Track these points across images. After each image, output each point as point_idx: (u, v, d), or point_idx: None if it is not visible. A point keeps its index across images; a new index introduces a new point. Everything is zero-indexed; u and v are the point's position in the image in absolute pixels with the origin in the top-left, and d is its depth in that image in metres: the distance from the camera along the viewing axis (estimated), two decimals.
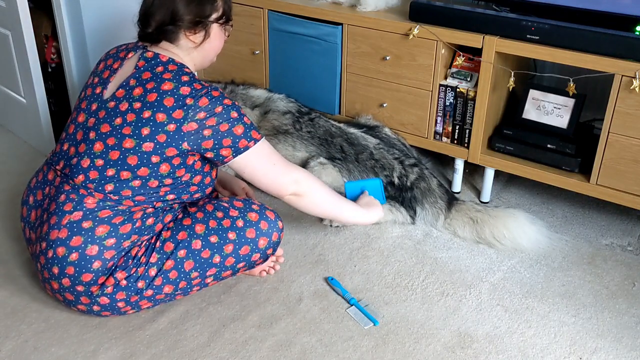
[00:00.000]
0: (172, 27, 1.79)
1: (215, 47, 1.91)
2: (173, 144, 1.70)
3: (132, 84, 1.75)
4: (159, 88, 1.72)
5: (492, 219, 2.22)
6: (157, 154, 1.71)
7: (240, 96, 2.59)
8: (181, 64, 1.79)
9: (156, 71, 1.75)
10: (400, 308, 1.92)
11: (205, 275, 1.81)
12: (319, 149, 2.41)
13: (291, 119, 2.48)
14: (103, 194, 1.72)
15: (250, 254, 1.84)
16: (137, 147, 1.70)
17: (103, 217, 1.71)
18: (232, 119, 1.74)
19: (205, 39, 1.85)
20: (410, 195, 2.32)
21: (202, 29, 1.82)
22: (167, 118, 1.69)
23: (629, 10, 2.03)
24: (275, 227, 1.88)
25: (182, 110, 1.69)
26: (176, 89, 1.71)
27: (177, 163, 1.74)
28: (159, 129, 1.69)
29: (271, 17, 2.72)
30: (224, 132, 1.73)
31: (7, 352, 1.73)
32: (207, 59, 1.93)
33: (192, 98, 1.71)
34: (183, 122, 1.69)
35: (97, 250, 1.69)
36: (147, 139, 1.70)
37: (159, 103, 1.70)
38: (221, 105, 1.73)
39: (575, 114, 2.27)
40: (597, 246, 2.23)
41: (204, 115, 1.71)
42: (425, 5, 2.34)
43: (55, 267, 1.71)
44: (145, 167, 1.71)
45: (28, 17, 2.53)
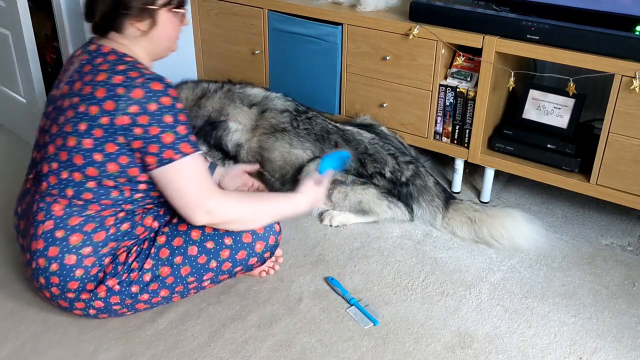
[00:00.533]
0: (116, 16, 1.68)
1: (168, 34, 1.78)
2: (110, 139, 1.61)
3: (75, 78, 1.69)
4: (93, 80, 1.64)
5: (490, 219, 2.22)
6: (98, 151, 1.63)
7: (237, 95, 2.58)
8: (123, 54, 1.69)
9: (95, 63, 1.67)
10: (400, 308, 1.92)
11: (202, 280, 1.80)
12: (314, 146, 2.41)
13: (289, 117, 2.48)
14: (67, 199, 1.67)
15: (247, 258, 1.83)
16: (79, 145, 1.63)
17: (74, 225, 1.67)
18: (164, 123, 1.61)
19: (152, 27, 1.72)
20: (405, 191, 2.32)
21: (148, 16, 1.70)
22: (100, 110, 1.60)
23: (629, 10, 2.03)
24: (272, 230, 1.86)
25: (113, 101, 1.60)
26: (109, 79, 1.62)
27: (126, 162, 1.65)
28: (93, 122, 1.61)
29: (271, 17, 2.72)
30: (153, 136, 1.61)
31: (6, 353, 1.73)
32: (162, 47, 1.79)
33: (124, 88, 1.60)
34: (115, 114, 1.59)
35: (75, 259, 1.67)
36: (85, 135, 1.62)
37: (92, 95, 1.62)
38: (157, 103, 1.61)
39: (575, 114, 2.27)
40: (597, 246, 2.23)
41: (137, 110, 1.59)
42: (425, 5, 2.34)
43: (41, 278, 1.71)
44: (92, 167, 1.64)
45: (28, 17, 2.53)
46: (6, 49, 2.71)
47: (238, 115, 2.53)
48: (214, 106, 2.58)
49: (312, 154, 2.40)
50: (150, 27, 1.73)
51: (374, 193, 2.30)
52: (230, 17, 2.85)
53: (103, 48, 1.71)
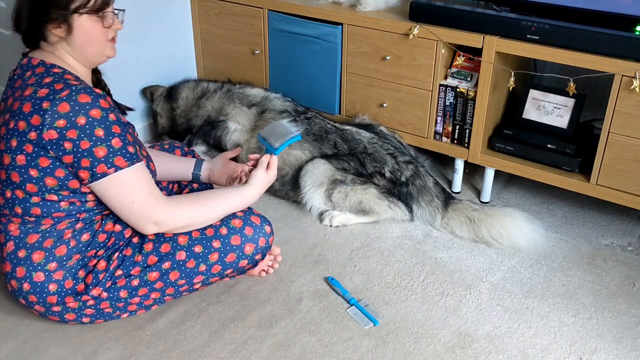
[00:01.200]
0: (36, 24, 1.61)
1: (90, 39, 1.65)
2: (42, 154, 1.56)
3: (8, 94, 1.64)
4: (22, 94, 1.58)
5: (489, 218, 2.22)
6: (33, 166, 1.57)
7: (237, 95, 2.59)
8: (51, 65, 1.63)
9: (25, 77, 1.62)
10: (400, 308, 1.92)
11: (192, 282, 1.79)
12: (312, 146, 2.41)
13: (288, 118, 2.48)
14: (19, 217, 1.64)
15: (237, 260, 1.81)
16: (14, 162, 1.59)
17: (33, 243, 1.65)
18: (95, 136, 1.54)
19: (69, 33, 1.62)
20: (405, 191, 2.32)
21: (63, 21, 1.60)
22: (27, 125, 1.55)
23: (629, 10, 2.03)
24: (262, 232, 1.83)
25: (39, 115, 1.53)
26: (34, 93, 1.56)
27: (62, 175, 1.59)
28: (23, 138, 1.56)
29: (271, 17, 2.72)
30: (84, 150, 1.54)
31: (7, 352, 1.73)
32: (89, 53, 1.67)
33: (49, 102, 1.53)
34: (42, 129, 1.53)
35: (44, 276, 1.66)
36: (18, 151, 1.57)
37: (20, 110, 1.57)
38: (85, 116, 1.53)
39: (575, 114, 2.27)
40: (597, 246, 2.23)
41: (64, 124, 1.52)
42: (425, 5, 2.34)
43: (21, 299, 1.70)
44: (30, 183, 1.59)
45: None
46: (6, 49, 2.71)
47: (237, 116, 2.53)
48: (213, 106, 2.58)
49: (311, 154, 2.40)
50: (67, 33, 1.62)
51: (374, 193, 2.30)
52: (230, 17, 2.85)
53: (33, 60, 1.65)
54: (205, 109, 2.60)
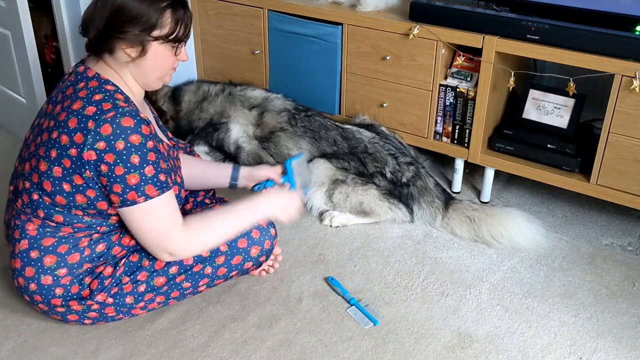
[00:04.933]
0: (109, 37, 1.59)
1: (158, 66, 1.66)
2: (77, 171, 1.56)
3: (58, 99, 1.64)
4: (70, 107, 1.58)
5: (489, 218, 2.22)
6: (67, 181, 1.58)
7: (238, 98, 2.59)
8: (105, 80, 1.62)
9: (77, 87, 1.61)
10: (400, 308, 1.92)
11: (197, 285, 1.80)
12: (311, 144, 2.41)
13: (287, 116, 2.48)
14: (40, 219, 1.64)
15: (242, 262, 1.83)
16: (49, 172, 1.59)
17: (48, 246, 1.65)
18: (130, 163, 1.54)
19: (141, 55, 1.61)
20: (406, 192, 2.32)
21: (139, 44, 1.60)
22: (70, 141, 1.55)
23: (629, 10, 2.03)
24: (268, 234, 1.85)
25: (82, 134, 1.53)
26: (82, 109, 1.55)
27: (93, 195, 1.60)
28: (63, 152, 1.56)
29: (271, 17, 2.72)
30: (118, 176, 1.55)
31: (7, 352, 1.73)
32: (151, 77, 1.68)
33: (94, 121, 1.53)
34: (83, 148, 1.54)
35: (51, 280, 1.66)
36: (56, 163, 1.58)
37: (65, 123, 1.56)
38: (125, 141, 1.53)
39: (575, 114, 2.27)
40: (597, 246, 2.23)
41: (104, 147, 1.53)
42: (425, 5, 2.34)
43: (25, 296, 1.71)
44: (60, 196, 1.60)
45: (28, 17, 2.53)
46: (6, 49, 2.71)
47: (239, 118, 2.53)
48: (215, 109, 2.59)
49: (310, 154, 2.39)
50: (139, 55, 1.62)
51: (375, 194, 2.30)
52: (230, 17, 2.85)
53: (89, 72, 1.64)
54: (208, 112, 2.60)
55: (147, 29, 1.59)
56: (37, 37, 2.65)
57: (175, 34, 1.63)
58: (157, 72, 1.68)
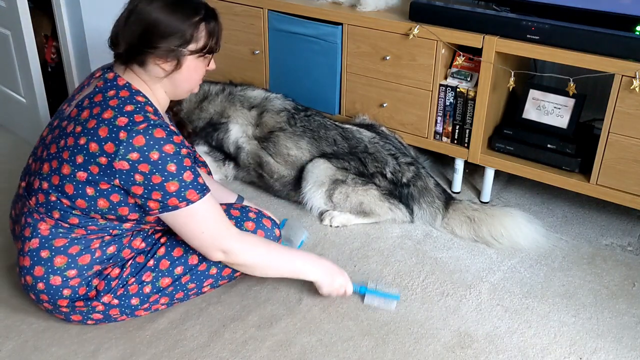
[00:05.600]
0: (142, 52, 1.60)
1: (190, 79, 1.69)
2: (105, 179, 1.56)
3: (85, 105, 1.62)
4: (100, 115, 1.57)
5: (490, 218, 2.22)
6: (92, 185, 1.58)
7: (237, 98, 2.59)
8: (136, 91, 1.62)
9: (107, 95, 1.60)
10: (400, 308, 1.92)
11: (202, 286, 1.81)
12: (310, 144, 2.41)
13: (286, 116, 2.48)
14: (53, 220, 1.64)
15: None
16: (73, 175, 1.58)
17: (59, 247, 1.65)
18: (167, 172, 1.55)
19: (176, 69, 1.63)
20: (407, 192, 2.32)
21: (174, 58, 1.61)
22: (99, 150, 1.55)
23: (629, 10, 2.03)
24: (272, 234, 1.87)
25: (113, 144, 1.53)
26: (114, 119, 1.55)
27: (117, 200, 1.60)
28: (91, 159, 1.56)
29: (271, 17, 2.72)
30: (155, 184, 1.55)
31: (8, 352, 1.73)
32: (182, 89, 1.71)
33: (126, 132, 1.53)
34: (115, 157, 1.54)
35: (60, 281, 1.66)
36: (82, 168, 1.57)
37: (95, 131, 1.56)
38: (159, 151, 1.53)
39: (575, 114, 2.27)
40: (597, 246, 2.23)
41: (137, 157, 1.53)
42: (425, 5, 2.34)
43: (31, 294, 1.71)
44: (82, 199, 1.59)
45: (28, 17, 2.53)
46: (6, 49, 2.71)
47: (238, 118, 2.53)
48: (215, 109, 2.59)
49: (310, 153, 2.39)
50: (174, 69, 1.63)
51: (375, 195, 2.30)
52: (231, 17, 2.85)
53: (119, 80, 1.63)
54: (208, 111, 2.60)
55: (183, 43, 1.60)
56: (37, 37, 2.65)
57: (209, 46, 1.65)
58: (189, 84, 1.71)
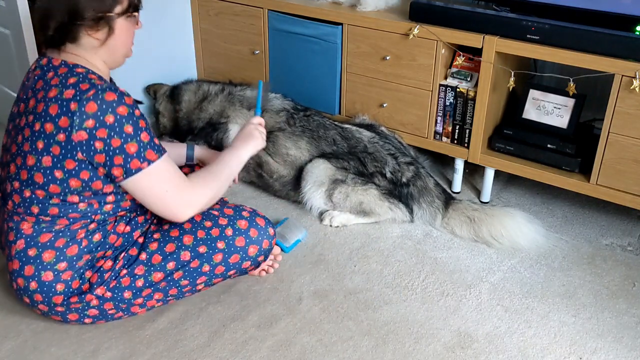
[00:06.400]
0: (72, 27, 1.59)
1: (124, 41, 1.69)
2: (68, 156, 1.56)
3: (29, 95, 1.63)
4: (45, 96, 1.57)
5: (490, 218, 2.22)
6: (58, 168, 1.58)
7: (237, 98, 2.59)
8: (74, 65, 1.61)
9: (47, 78, 1.60)
10: (400, 308, 1.92)
11: (195, 283, 1.80)
12: (310, 144, 2.40)
13: (285, 116, 2.48)
14: (34, 216, 1.64)
15: (240, 262, 1.83)
16: (38, 164, 1.59)
17: (45, 242, 1.65)
18: (125, 133, 1.56)
19: (109, 35, 1.63)
20: (406, 192, 2.32)
21: (105, 24, 1.62)
22: (55, 127, 1.55)
23: (629, 10, 2.03)
24: (266, 234, 1.86)
25: (66, 117, 1.53)
26: (60, 94, 1.55)
27: (87, 177, 1.61)
28: (50, 140, 1.56)
29: (271, 17, 2.72)
30: (116, 148, 1.56)
31: (7, 352, 1.73)
32: (118, 55, 1.71)
33: (76, 102, 1.53)
34: (71, 130, 1.54)
35: (52, 276, 1.66)
36: (44, 153, 1.57)
37: (46, 112, 1.56)
38: (113, 114, 1.54)
39: (575, 114, 2.27)
40: (597, 246, 2.23)
41: (93, 124, 1.54)
42: (425, 5, 2.34)
43: (25, 297, 1.71)
44: (54, 184, 1.60)
45: (28, 17, 2.53)
46: (6, 49, 2.71)
47: (237, 118, 2.53)
48: (215, 109, 2.59)
49: (309, 153, 2.39)
50: (107, 36, 1.64)
51: (375, 194, 2.30)
52: (230, 17, 2.85)
53: (54, 61, 1.63)
54: (207, 112, 2.60)
55: (109, 8, 1.61)
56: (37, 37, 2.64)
57: (133, 3, 1.68)
58: (125, 48, 1.71)
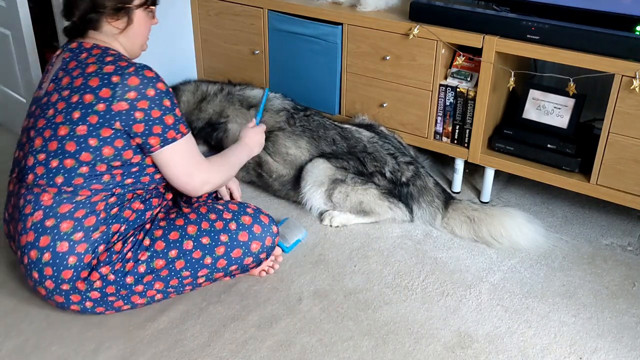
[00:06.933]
0: (94, 15, 1.76)
1: (141, 32, 1.87)
2: (106, 124, 1.68)
3: (60, 75, 1.75)
4: (83, 72, 1.71)
5: (489, 218, 2.22)
6: (93, 136, 1.69)
7: (236, 97, 2.58)
8: (106, 47, 1.78)
9: (80, 58, 1.75)
10: (400, 308, 1.92)
11: (197, 276, 1.81)
12: (309, 144, 2.40)
13: (285, 116, 2.48)
14: (56, 187, 1.70)
15: (242, 257, 1.84)
16: (72, 133, 1.69)
17: (64, 213, 1.70)
18: (164, 106, 1.73)
19: (128, 25, 1.81)
20: (406, 191, 2.32)
21: (125, 14, 1.80)
22: (95, 98, 1.68)
23: (629, 10, 2.03)
24: (269, 231, 1.88)
25: (109, 89, 1.68)
26: (99, 69, 1.70)
27: (121, 145, 1.72)
28: (88, 110, 1.68)
29: (271, 17, 2.72)
30: (155, 118, 1.72)
31: (8, 350, 1.73)
32: (137, 45, 1.88)
33: (118, 76, 1.68)
34: (112, 100, 1.67)
35: (67, 246, 1.69)
36: (80, 122, 1.68)
37: (85, 85, 1.69)
38: (154, 88, 1.71)
39: (575, 114, 2.27)
40: (597, 246, 2.23)
41: (135, 96, 1.68)
42: (425, 5, 2.34)
43: (35, 272, 1.71)
44: (86, 152, 1.69)
45: (28, 17, 2.54)
46: (6, 49, 2.72)
47: (237, 118, 2.53)
48: (214, 109, 2.59)
49: (309, 153, 2.39)
50: (126, 25, 1.81)
51: (375, 194, 2.30)
52: (230, 17, 2.85)
53: (85, 44, 1.78)
54: (207, 112, 2.60)
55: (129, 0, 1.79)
56: (37, 37, 2.65)
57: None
58: (141, 38, 1.89)
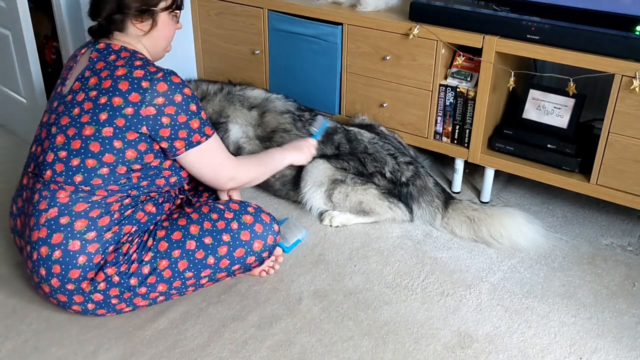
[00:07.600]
0: (120, 16, 1.80)
1: (165, 35, 1.91)
2: (132, 128, 1.71)
3: (87, 75, 1.77)
4: (112, 74, 1.73)
5: (489, 218, 2.22)
6: (119, 138, 1.71)
7: (237, 97, 2.58)
8: (134, 51, 1.81)
9: (109, 60, 1.77)
10: (400, 308, 1.92)
11: (199, 276, 1.81)
12: None
13: (290, 118, 2.47)
14: (74, 185, 1.71)
15: (245, 256, 1.85)
16: (97, 133, 1.71)
17: (80, 211, 1.71)
18: (190, 111, 1.77)
19: (152, 27, 1.85)
20: (406, 191, 2.32)
21: (150, 17, 1.83)
22: (124, 101, 1.70)
23: (629, 10, 2.03)
24: (271, 230, 1.89)
25: (138, 93, 1.71)
26: (129, 73, 1.73)
27: (144, 149, 1.75)
28: (116, 112, 1.71)
29: (271, 17, 2.72)
30: (182, 123, 1.75)
31: (7, 352, 1.73)
32: (160, 48, 1.93)
33: (148, 81, 1.72)
34: (141, 105, 1.71)
35: (79, 245, 1.70)
36: (106, 124, 1.71)
37: (114, 88, 1.71)
38: (181, 94, 1.75)
39: (575, 114, 2.27)
40: (597, 246, 2.23)
41: (163, 102, 1.72)
42: (425, 5, 2.34)
43: (42, 269, 1.71)
44: (110, 154, 1.72)
45: (28, 17, 2.54)
46: (6, 49, 2.71)
47: (238, 118, 2.53)
48: (214, 109, 2.58)
49: None
50: (151, 28, 1.85)
51: (375, 194, 2.30)
52: (230, 17, 2.85)
53: (113, 46, 1.81)
54: (206, 111, 2.59)
55: (155, 3, 1.83)
56: (37, 37, 2.65)
57: (177, 2, 1.89)
58: (165, 41, 1.93)
